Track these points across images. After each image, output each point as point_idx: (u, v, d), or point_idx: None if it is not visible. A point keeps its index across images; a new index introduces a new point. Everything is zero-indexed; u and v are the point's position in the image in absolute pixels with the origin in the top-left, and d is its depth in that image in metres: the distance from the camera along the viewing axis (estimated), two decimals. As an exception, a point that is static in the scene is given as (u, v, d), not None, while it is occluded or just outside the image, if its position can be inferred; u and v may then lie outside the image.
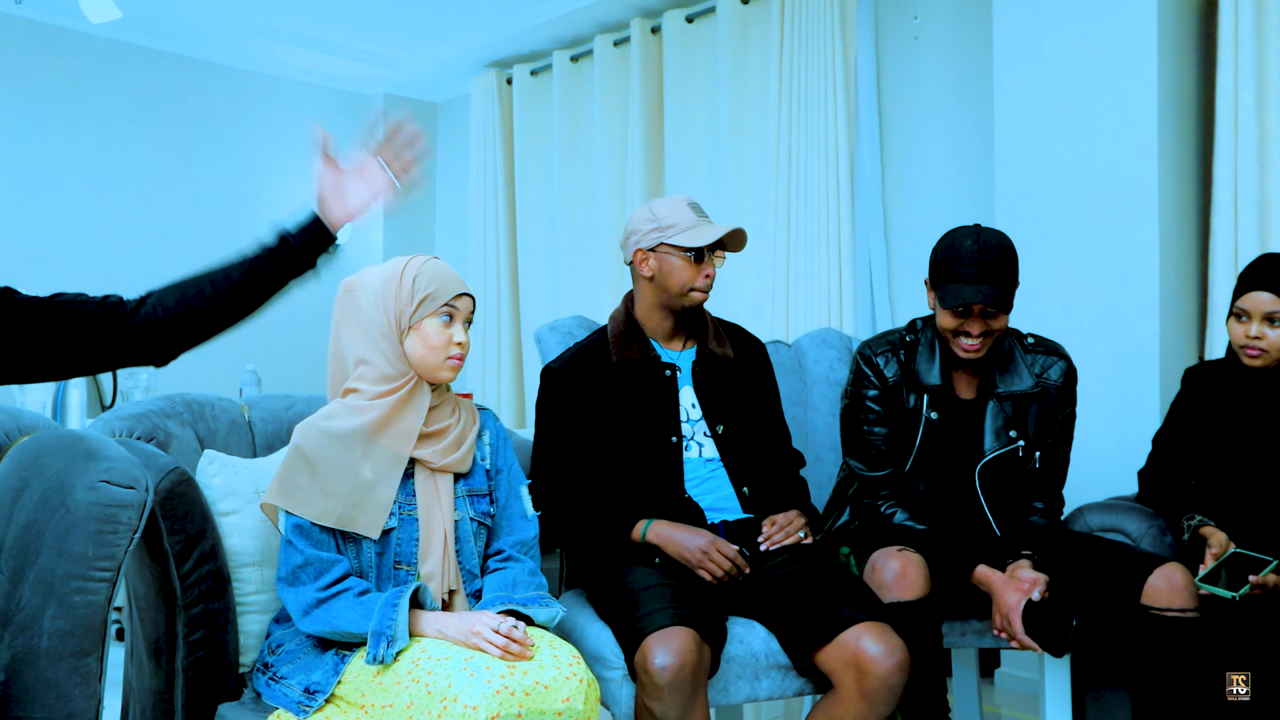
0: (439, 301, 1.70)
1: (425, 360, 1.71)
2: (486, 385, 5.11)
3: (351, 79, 5.48)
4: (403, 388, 1.70)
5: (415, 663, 1.49)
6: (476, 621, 1.52)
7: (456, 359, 1.72)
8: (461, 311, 1.73)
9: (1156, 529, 2.22)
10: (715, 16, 4.12)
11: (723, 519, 2.05)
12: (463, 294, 1.73)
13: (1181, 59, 2.90)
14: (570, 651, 1.54)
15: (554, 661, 1.50)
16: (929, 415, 2.13)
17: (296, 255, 1.52)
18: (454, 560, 1.71)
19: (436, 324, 1.70)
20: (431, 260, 1.75)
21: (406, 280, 1.71)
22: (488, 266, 5.14)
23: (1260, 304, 2.06)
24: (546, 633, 1.61)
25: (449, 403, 1.78)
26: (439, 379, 1.73)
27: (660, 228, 2.04)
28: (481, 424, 1.83)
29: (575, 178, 4.75)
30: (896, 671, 1.74)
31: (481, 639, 1.49)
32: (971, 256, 2.01)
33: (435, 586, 1.68)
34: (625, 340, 2.09)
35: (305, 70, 5.36)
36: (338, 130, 6.05)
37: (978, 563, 2.02)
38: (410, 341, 1.71)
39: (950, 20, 3.62)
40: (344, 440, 1.65)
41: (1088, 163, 2.91)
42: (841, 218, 3.69)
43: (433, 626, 1.57)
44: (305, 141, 5.48)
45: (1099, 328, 2.87)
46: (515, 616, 1.61)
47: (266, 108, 5.35)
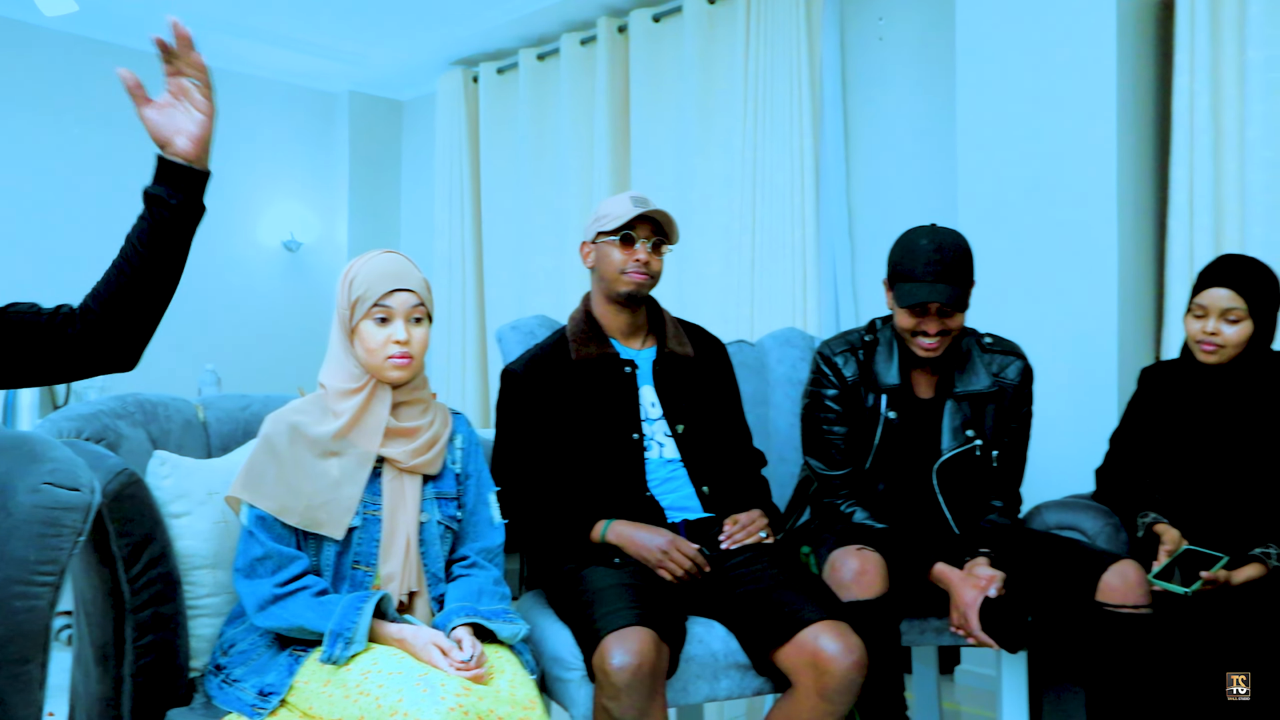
0: (369, 303, 1.68)
1: (369, 363, 1.70)
2: (451, 384, 5.09)
3: (316, 76, 5.43)
4: (362, 390, 1.69)
5: (365, 675, 1.47)
6: (429, 643, 1.51)
7: (398, 358, 1.68)
8: (398, 309, 1.68)
9: (1112, 527, 2.24)
10: (682, 16, 4.12)
11: (683, 518, 2.04)
12: (396, 290, 1.69)
13: (1139, 63, 2.93)
14: (528, 695, 1.51)
15: (510, 695, 1.48)
16: (888, 415, 2.14)
17: (176, 209, 1.44)
18: (416, 562, 1.70)
19: (371, 325, 1.68)
20: (377, 257, 1.73)
21: (347, 282, 1.70)
22: (453, 265, 5.11)
23: (1218, 300, 2.09)
24: (512, 663, 1.59)
25: (422, 403, 1.76)
26: (389, 379, 1.71)
27: (598, 218, 2.08)
28: (454, 428, 1.82)
29: (541, 177, 4.73)
30: (854, 670, 1.74)
31: (431, 661, 1.49)
32: (928, 256, 2.02)
33: (395, 588, 1.66)
34: (584, 338, 2.09)
35: (269, 67, 5.30)
36: (304, 129, 5.99)
37: (936, 561, 2.04)
38: (356, 343, 1.70)
39: (914, 22, 3.64)
40: (312, 439, 1.65)
41: (1048, 164, 2.93)
42: (806, 217, 3.71)
43: (393, 637, 1.55)
44: (269, 138, 5.43)
45: (1058, 327, 2.89)
46: (478, 629, 1.60)
47: (228, 105, 5.26)
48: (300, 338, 5.30)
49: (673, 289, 4.07)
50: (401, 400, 1.73)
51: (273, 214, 5.46)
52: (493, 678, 1.51)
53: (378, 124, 5.73)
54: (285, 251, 5.50)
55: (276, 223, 5.47)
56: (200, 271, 5.54)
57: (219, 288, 5.22)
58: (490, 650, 1.59)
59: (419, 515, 1.70)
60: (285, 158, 5.52)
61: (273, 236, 5.47)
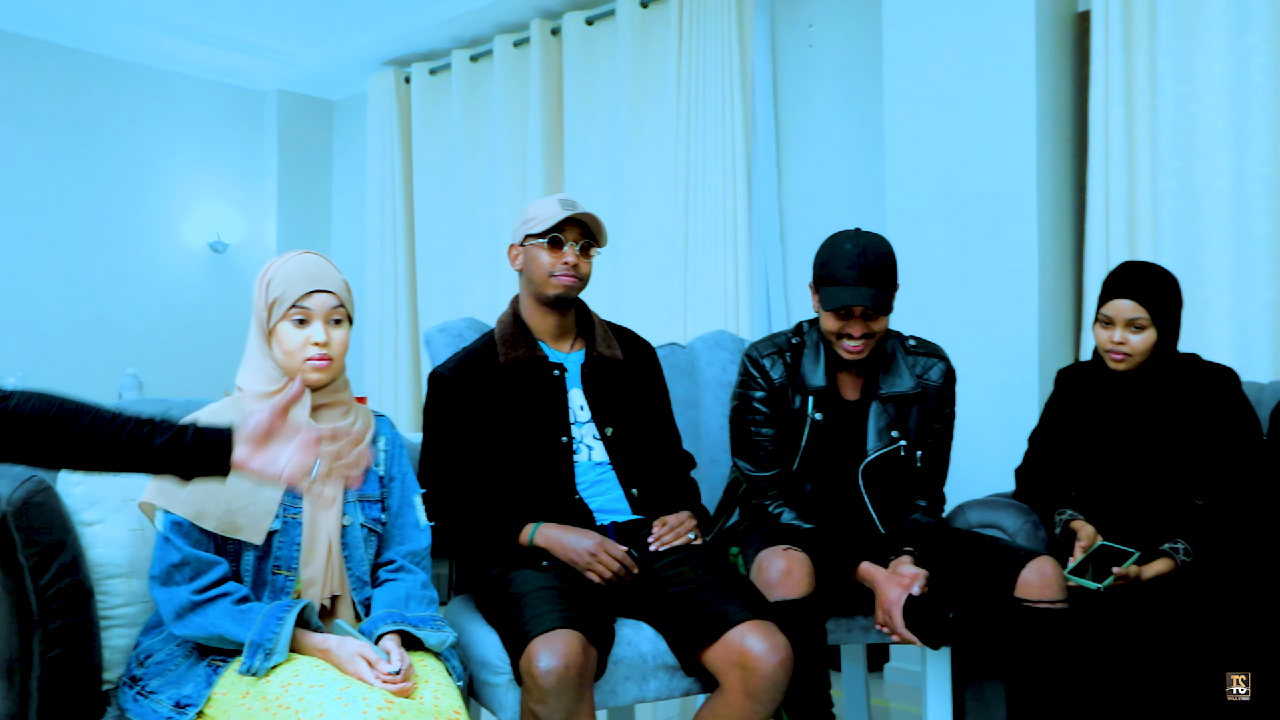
0: (286, 304, 1.66)
1: (287, 365, 1.68)
2: (383, 388, 5.02)
3: (243, 74, 5.33)
4: (279, 393, 1.66)
5: (286, 687, 1.44)
6: (354, 654, 1.49)
7: (317, 359, 1.67)
8: (317, 311, 1.67)
9: (1031, 524, 2.30)
10: (615, 20, 4.13)
11: (612, 520, 2.05)
12: (315, 292, 1.67)
13: (1058, 74, 3.01)
14: (453, 705, 1.50)
15: (434, 706, 1.46)
16: (814, 416, 2.17)
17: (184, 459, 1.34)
18: (339, 566, 1.67)
19: (289, 327, 1.66)
20: (294, 258, 1.71)
21: (264, 283, 1.68)
22: (385, 267, 5.06)
23: (1122, 311, 2.15)
24: (437, 671, 1.57)
25: (343, 405, 1.74)
26: (308, 382, 1.68)
27: (526, 221, 2.08)
28: (377, 430, 1.80)
29: (475, 179, 4.70)
30: (780, 669, 1.76)
31: (357, 673, 1.47)
32: (852, 260, 2.05)
33: (316, 592, 1.64)
34: (512, 341, 2.08)
35: (195, 64, 5.19)
36: (230, 128, 5.86)
37: (862, 560, 2.07)
38: (274, 346, 1.68)
39: (843, 30, 3.70)
40: None
41: (971, 171, 3.00)
42: (738, 220, 3.74)
43: (317, 648, 1.53)
44: (194, 137, 5.31)
45: (980, 330, 2.96)
46: (405, 636, 1.58)
47: (154, 103, 5.16)
48: (227, 340, 5.16)
49: (605, 291, 4.07)
50: (321, 403, 1.70)
51: (198, 214, 5.34)
52: (416, 688, 1.49)
53: (307, 124, 5.64)
54: (211, 253, 5.38)
55: (202, 223, 5.35)
56: (122, 272, 5.43)
57: (142, 289, 5.09)
58: (416, 658, 1.58)
59: (341, 518, 1.68)
60: (211, 157, 5.40)
61: (198, 237, 5.35)
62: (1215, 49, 2.76)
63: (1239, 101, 2.72)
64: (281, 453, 1.37)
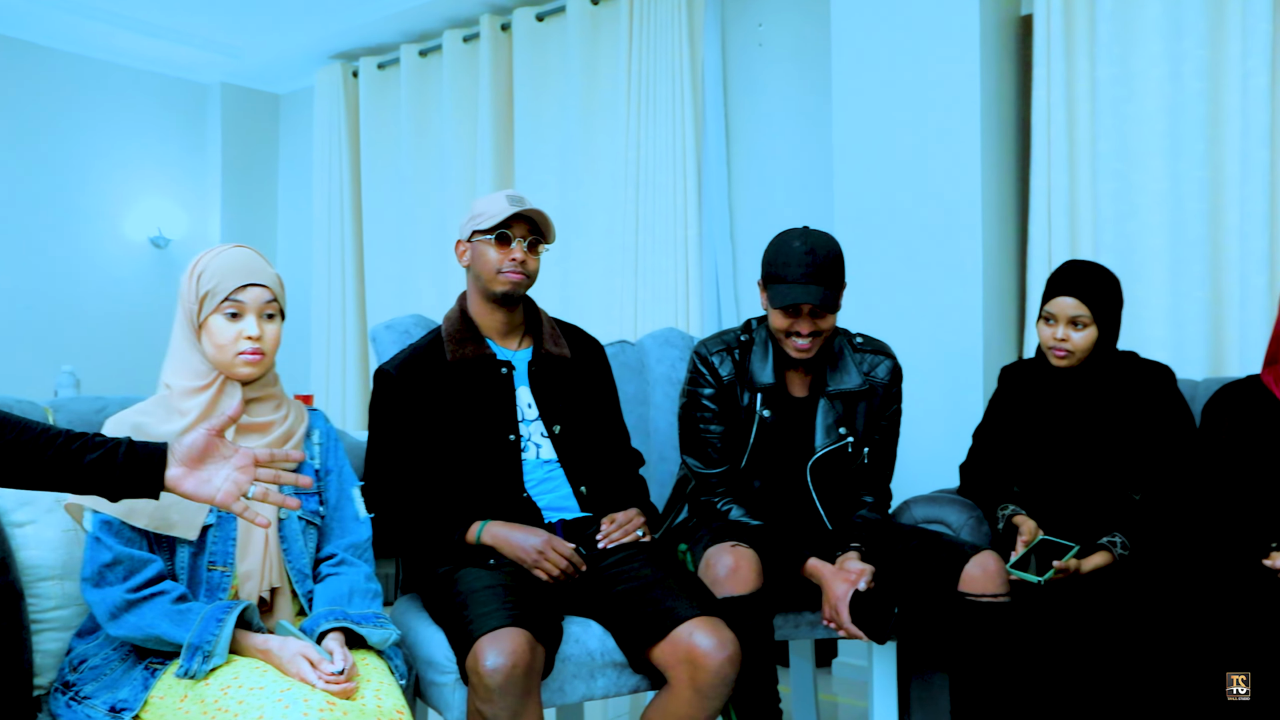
0: (219, 297, 1.64)
1: (218, 359, 1.66)
2: (331, 386, 4.95)
3: (187, 66, 5.22)
4: (210, 387, 1.64)
5: (225, 690, 1.41)
6: (296, 655, 1.46)
7: (249, 354, 1.65)
8: (250, 305, 1.65)
9: (975, 519, 2.33)
10: (565, 16, 4.11)
11: (560, 518, 2.04)
12: (249, 285, 1.65)
13: (1002, 77, 3.06)
14: (395, 704, 1.48)
15: (376, 706, 1.44)
16: (762, 413, 2.18)
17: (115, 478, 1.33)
18: (277, 558, 1.65)
19: (221, 320, 1.64)
20: (226, 251, 1.68)
21: (194, 276, 1.66)
22: (332, 263, 4.99)
23: (1065, 308, 2.20)
24: (379, 670, 1.55)
25: (274, 399, 1.72)
26: (237, 376, 1.67)
27: (474, 217, 2.06)
28: (311, 424, 1.78)
29: (424, 174, 4.66)
30: (727, 665, 1.76)
31: (299, 674, 1.44)
32: (800, 258, 2.06)
33: (254, 585, 1.62)
34: (460, 338, 2.06)
35: (135, 55, 5.07)
36: (173, 121, 5.74)
37: (809, 556, 2.08)
38: (204, 340, 1.66)
39: (793, 30, 3.72)
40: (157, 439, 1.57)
41: (918, 171, 3.04)
42: (689, 218, 3.75)
43: (258, 649, 1.50)
44: (135, 130, 5.19)
45: (926, 328, 3.00)
46: (347, 634, 1.56)
47: (93, 94, 5.03)
48: (168, 338, 5.07)
49: (556, 288, 4.06)
50: (253, 397, 1.69)
51: (140, 208, 5.22)
52: (359, 688, 1.47)
53: (252, 117, 5.54)
54: (153, 248, 5.26)
55: (143, 218, 5.23)
56: (60, 267, 5.29)
57: (80, 284, 4.96)
58: (358, 656, 1.56)
59: (278, 511, 1.66)
60: (153, 150, 5.28)
61: (139, 232, 5.23)
62: (1152, 54, 2.82)
63: (1174, 106, 2.79)
64: (216, 473, 1.39)
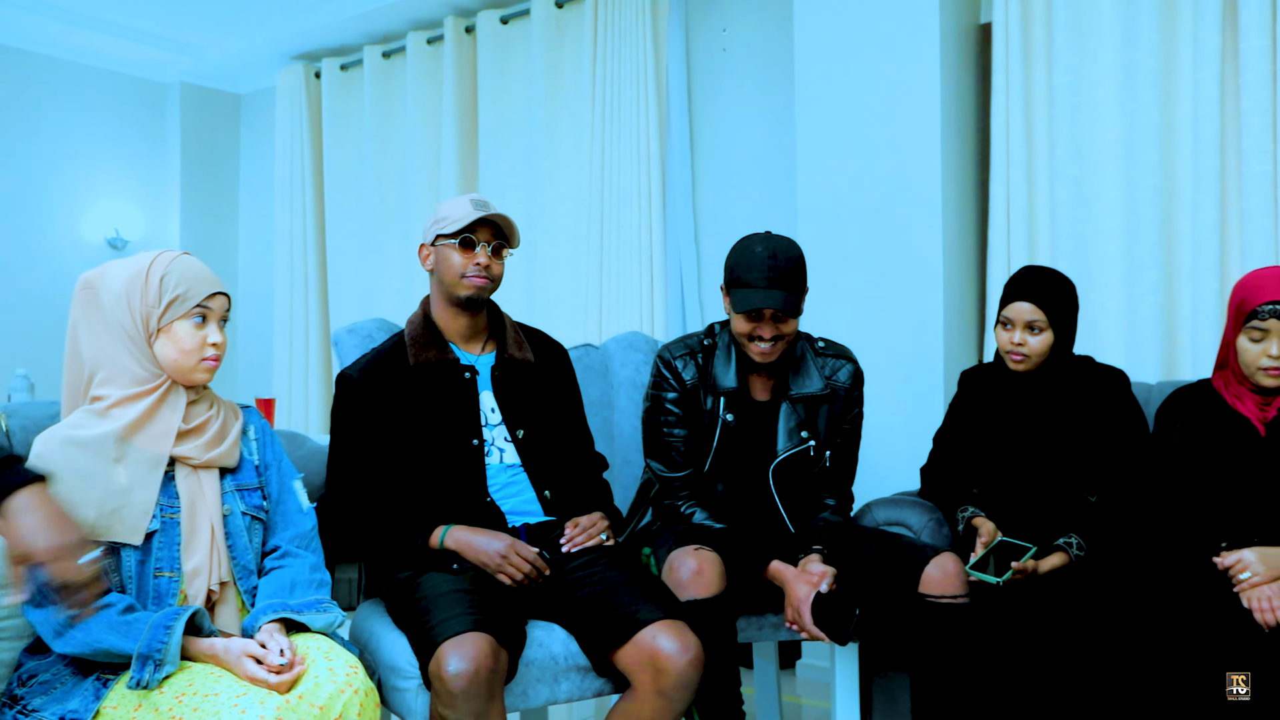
0: (190, 303, 1.64)
1: (178, 364, 1.65)
2: (294, 390, 4.91)
3: (145, 65, 5.15)
4: (155, 391, 1.63)
5: (180, 698, 1.40)
6: (241, 655, 1.47)
7: (212, 360, 1.67)
8: (215, 312, 1.68)
9: (935, 521, 2.36)
10: (530, 19, 4.11)
11: (524, 522, 2.04)
12: (216, 293, 1.68)
13: (961, 84, 3.10)
14: (347, 661, 1.50)
15: (329, 675, 1.45)
16: (725, 417, 2.20)
17: None
18: (224, 555, 1.65)
19: (188, 326, 1.64)
20: (181, 257, 1.69)
21: (154, 280, 1.63)
22: (295, 266, 4.94)
23: (1022, 313, 2.23)
24: (324, 640, 1.56)
25: (206, 399, 1.73)
26: (193, 381, 1.67)
27: (437, 221, 2.06)
28: (245, 420, 1.79)
29: (387, 177, 4.63)
30: (690, 668, 1.77)
31: (248, 674, 1.44)
32: (763, 263, 2.08)
33: (202, 582, 1.61)
34: (423, 342, 2.05)
35: (93, 54, 4.99)
36: (131, 120, 5.66)
37: (772, 559, 2.10)
38: (160, 344, 1.64)
39: (756, 36, 3.75)
40: (92, 446, 1.56)
41: (879, 178, 3.07)
42: (653, 222, 3.76)
43: (206, 653, 1.50)
44: (92, 129, 5.11)
45: (888, 332, 3.03)
46: (290, 624, 1.56)
47: (50, 93, 4.95)
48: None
49: (521, 292, 4.06)
50: (190, 400, 1.69)
51: (97, 209, 5.14)
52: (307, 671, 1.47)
53: (212, 118, 5.47)
54: (110, 249, 5.18)
55: (101, 219, 5.15)
56: (14, 268, 5.20)
57: (35, 286, 4.87)
58: (306, 638, 1.56)
59: (221, 508, 1.66)
60: (111, 150, 5.20)
61: (96, 233, 5.15)
62: (1107, 63, 2.87)
63: (1129, 114, 2.84)
64: None
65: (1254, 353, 2.03)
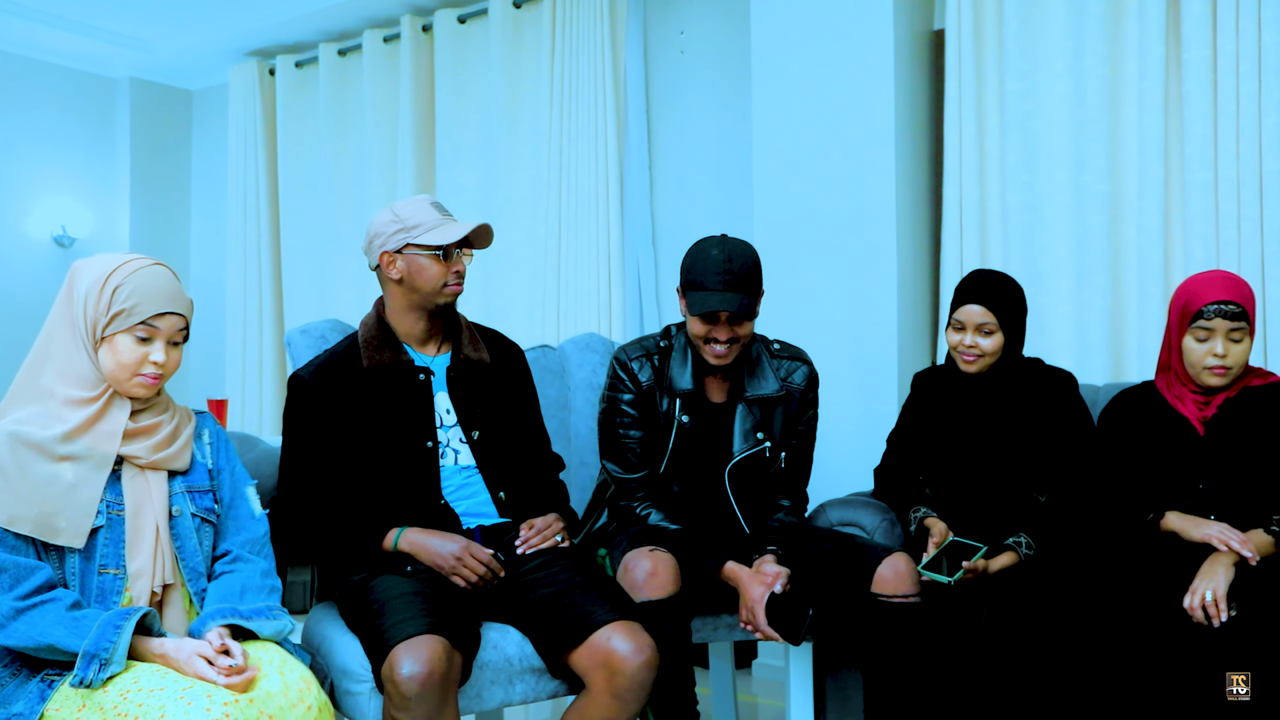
0: (134, 319, 1.60)
1: (115, 375, 1.62)
2: (247, 392, 4.84)
3: (93, 59, 5.05)
4: (98, 400, 1.61)
5: (125, 695, 1.38)
6: (192, 655, 1.45)
7: (149, 378, 1.63)
8: (163, 331, 1.63)
9: (888, 522, 2.39)
10: (487, 19, 4.09)
11: (479, 524, 2.03)
12: (166, 313, 1.63)
13: (915, 89, 3.14)
14: (301, 675, 1.48)
15: (283, 688, 1.44)
16: (681, 419, 2.21)
17: None
18: (169, 555, 1.63)
19: (129, 341, 1.61)
20: (147, 268, 1.65)
21: (108, 288, 1.61)
22: (248, 266, 4.87)
23: (973, 316, 2.27)
24: (278, 652, 1.55)
25: (160, 403, 1.71)
26: (129, 394, 1.64)
27: (405, 228, 2.00)
28: (199, 425, 1.77)
29: (343, 176, 4.59)
30: (645, 669, 1.78)
31: (198, 674, 1.43)
32: (718, 266, 2.09)
33: (145, 583, 1.59)
34: (377, 345, 2.03)
35: (39, 47, 4.88)
36: (78, 116, 5.58)
37: (727, 559, 2.11)
38: (103, 353, 1.62)
39: (713, 38, 3.77)
40: (39, 445, 1.54)
41: (835, 180, 3.10)
42: (611, 223, 3.77)
43: (155, 654, 1.48)
44: (38, 124, 5.00)
45: (842, 334, 3.06)
46: (239, 631, 1.54)
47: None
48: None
49: (479, 293, 4.04)
50: (139, 408, 1.67)
51: (42, 206, 5.03)
52: (258, 677, 1.46)
53: (163, 114, 5.38)
54: (57, 247, 5.08)
55: (46, 216, 5.04)
56: (-47, 265, 5.01)
57: (-23, 284, 4.77)
58: (254, 647, 1.55)
59: (168, 509, 1.64)
60: (57, 146, 5.10)
61: (42, 230, 5.04)
62: (1056, 71, 2.93)
63: (1077, 121, 2.89)
64: None
65: (1200, 352, 2.08)
